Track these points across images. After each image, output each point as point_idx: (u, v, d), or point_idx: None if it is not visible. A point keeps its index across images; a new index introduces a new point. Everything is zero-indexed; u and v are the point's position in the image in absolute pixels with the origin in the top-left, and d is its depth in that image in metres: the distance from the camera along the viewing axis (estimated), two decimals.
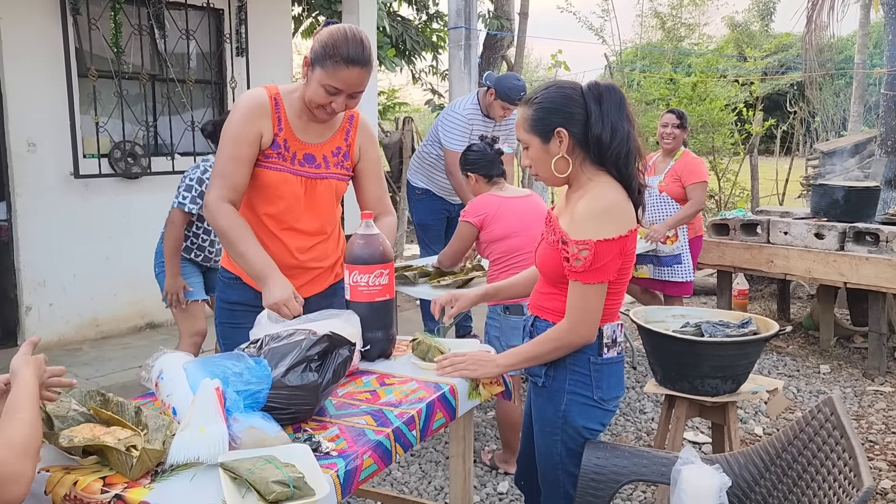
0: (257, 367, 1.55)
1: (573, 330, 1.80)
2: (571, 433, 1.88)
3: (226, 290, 2.26)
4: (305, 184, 2.15)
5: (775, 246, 4.90)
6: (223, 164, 2.09)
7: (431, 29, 10.67)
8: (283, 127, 2.11)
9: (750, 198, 8.52)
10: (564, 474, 1.91)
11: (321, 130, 2.17)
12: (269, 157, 2.11)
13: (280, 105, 2.11)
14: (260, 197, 2.14)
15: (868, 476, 1.27)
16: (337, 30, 2.01)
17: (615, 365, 1.90)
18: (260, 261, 2.04)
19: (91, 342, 5.01)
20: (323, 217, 2.22)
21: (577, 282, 1.78)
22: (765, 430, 3.77)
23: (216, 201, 2.07)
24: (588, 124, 1.79)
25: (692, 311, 3.17)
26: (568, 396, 1.87)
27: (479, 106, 4.27)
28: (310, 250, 2.22)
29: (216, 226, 2.09)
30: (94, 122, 4.94)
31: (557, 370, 1.89)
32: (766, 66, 12.07)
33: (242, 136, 2.07)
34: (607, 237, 1.74)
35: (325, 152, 2.18)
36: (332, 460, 1.46)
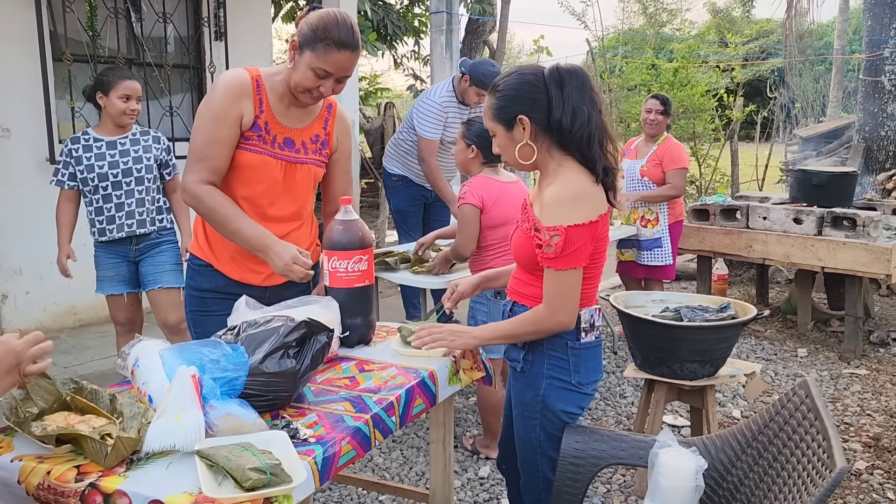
0: (234, 354, 1.54)
1: (551, 316, 1.80)
2: (550, 417, 1.89)
3: (196, 277, 2.19)
4: (285, 168, 2.12)
5: (754, 231, 4.94)
6: (203, 145, 2.02)
7: (413, 14, 10.60)
8: (265, 109, 2.07)
9: (730, 183, 8.58)
10: (543, 458, 1.92)
11: (301, 116, 2.15)
12: (248, 139, 2.06)
13: (262, 87, 2.07)
14: (237, 179, 2.09)
15: (841, 457, 1.28)
16: (327, 13, 1.99)
17: (593, 349, 1.91)
18: (257, 233, 2.00)
19: (69, 330, 4.96)
20: (299, 202, 2.19)
21: (550, 268, 1.78)
22: (742, 413, 3.82)
23: (196, 185, 2.02)
24: (549, 109, 1.79)
25: (672, 295, 3.19)
26: (546, 381, 1.88)
27: (454, 93, 4.23)
28: (285, 236, 2.17)
29: (202, 208, 2.04)
30: (69, 107, 4.86)
31: (535, 355, 1.90)
32: (748, 52, 12.12)
33: (224, 116, 2.01)
34: (577, 222, 1.74)
35: (305, 138, 2.16)
36: (310, 447, 1.46)
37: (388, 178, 4.63)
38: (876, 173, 6.61)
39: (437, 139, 4.23)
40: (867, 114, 6.76)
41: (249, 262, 2.12)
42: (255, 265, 2.13)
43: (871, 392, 4.06)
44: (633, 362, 3.04)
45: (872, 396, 4.00)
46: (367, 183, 11.09)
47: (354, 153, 5.69)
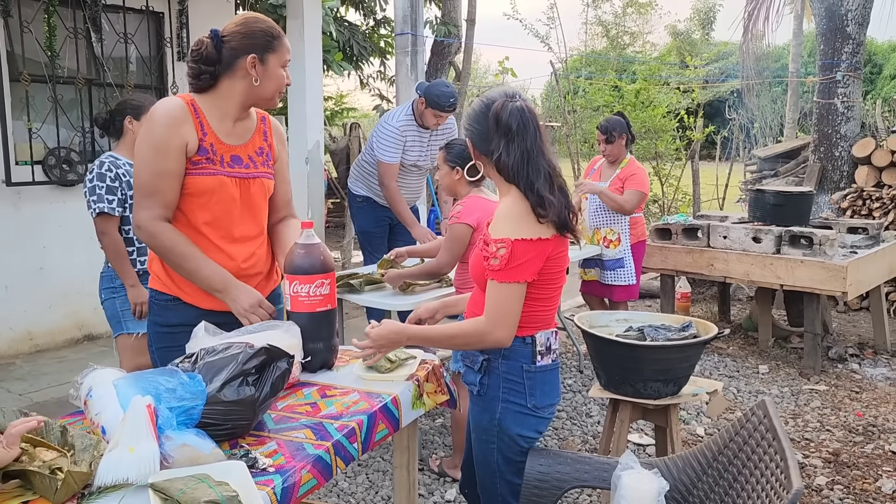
0: (191, 383, 1.51)
1: (490, 332, 1.79)
2: (507, 441, 1.89)
3: (163, 312, 2.13)
4: (240, 185, 2.10)
5: (715, 250, 5.02)
6: (150, 179, 1.99)
7: (379, 35, 10.63)
8: (207, 131, 2.05)
9: (692, 202, 8.72)
10: (503, 482, 1.91)
11: (241, 132, 2.14)
12: (197, 163, 2.03)
13: (198, 110, 2.05)
14: (196, 206, 2.05)
15: (797, 478, 1.30)
16: (250, 17, 2.08)
17: (549, 372, 1.91)
18: (216, 274, 2.02)
19: (25, 356, 4.83)
20: (258, 219, 2.18)
21: (493, 280, 1.78)
22: (706, 431, 3.85)
23: (151, 221, 1.99)
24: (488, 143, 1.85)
25: (635, 314, 3.22)
26: (502, 405, 1.88)
27: (412, 116, 4.25)
28: (249, 257, 2.16)
29: (158, 246, 2.02)
30: (27, 128, 4.77)
31: (491, 378, 1.90)
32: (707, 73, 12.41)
33: (168, 147, 1.98)
34: (525, 237, 1.76)
35: (250, 152, 2.14)
36: (269, 477, 1.43)
37: (352, 200, 4.61)
38: (831, 193, 6.78)
39: (395, 163, 4.24)
40: (821, 135, 6.95)
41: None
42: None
43: (830, 408, 4.14)
44: (597, 382, 3.06)
45: (832, 412, 4.08)
46: (333, 203, 11.04)
47: (319, 173, 5.66)
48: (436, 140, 4.38)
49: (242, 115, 2.12)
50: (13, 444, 1.39)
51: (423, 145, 4.34)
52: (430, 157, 4.44)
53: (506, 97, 1.85)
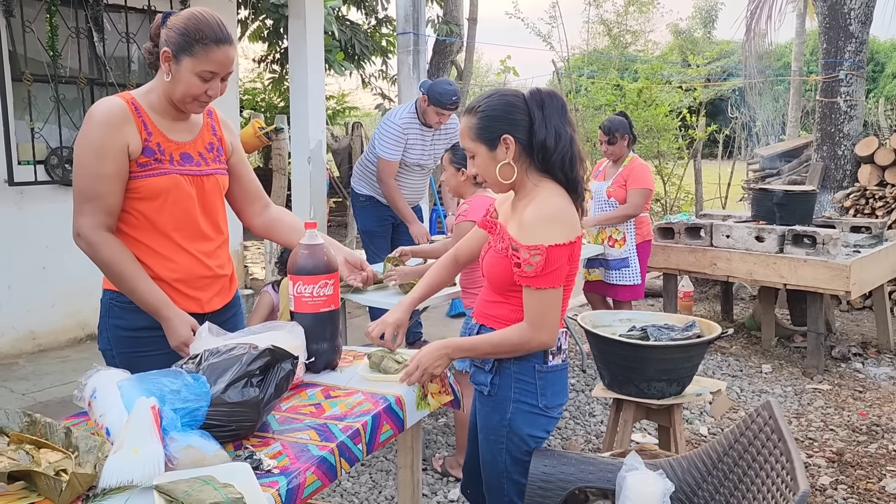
0: (195, 384, 1.51)
1: (535, 337, 1.80)
2: (517, 441, 1.89)
3: (125, 316, 2.01)
4: (195, 183, 2.02)
5: (718, 249, 5.01)
6: (90, 184, 1.88)
7: (381, 34, 10.64)
8: (152, 131, 1.95)
9: (694, 201, 8.71)
10: (509, 482, 1.92)
11: (188, 128, 2.05)
12: (145, 165, 1.94)
13: (140, 109, 1.95)
14: (153, 208, 1.97)
15: (804, 480, 1.29)
16: (192, 14, 1.91)
17: (559, 372, 1.92)
18: (155, 296, 1.94)
19: (28, 356, 4.83)
20: (216, 217, 2.11)
21: (529, 287, 1.78)
22: (710, 430, 3.85)
23: (92, 230, 1.89)
24: (532, 130, 1.82)
25: (639, 314, 3.22)
26: (514, 405, 1.88)
27: (416, 115, 4.25)
28: (214, 256, 2.10)
29: (97, 258, 1.92)
30: (29, 128, 4.77)
31: (503, 378, 1.90)
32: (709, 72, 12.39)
33: (107, 149, 1.88)
34: (558, 242, 1.76)
35: (199, 149, 2.06)
36: (274, 478, 1.43)
37: (355, 199, 4.61)
38: (834, 191, 6.77)
39: (395, 160, 4.24)
40: (824, 133, 6.94)
41: (188, 288, 2.05)
42: (192, 291, 2.06)
43: (833, 407, 4.13)
44: (601, 381, 3.05)
45: (835, 411, 4.07)
46: (334, 202, 11.05)
47: (321, 172, 5.66)
48: (439, 139, 4.38)
49: (179, 113, 2.01)
50: None
51: (426, 144, 4.33)
52: (434, 156, 4.44)
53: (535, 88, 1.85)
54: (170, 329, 1.94)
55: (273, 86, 11.96)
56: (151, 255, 2.00)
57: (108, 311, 2.06)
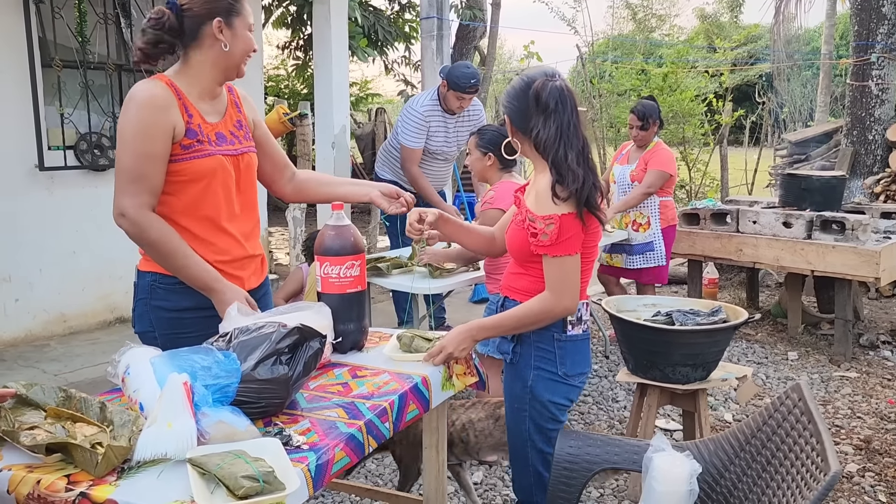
0: (226, 361, 1.53)
1: (557, 302, 1.87)
2: (539, 408, 1.96)
3: (170, 297, 2.01)
4: (233, 162, 2.04)
5: (744, 235, 4.96)
6: (136, 164, 1.89)
7: (404, 19, 10.61)
8: (192, 112, 1.97)
9: (720, 188, 8.62)
10: (534, 451, 1.98)
11: (217, 108, 2.06)
12: (188, 147, 1.95)
13: (179, 91, 1.96)
14: (198, 190, 1.98)
15: (835, 461, 1.28)
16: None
17: (580, 342, 1.98)
18: (204, 273, 1.95)
19: (59, 338, 4.92)
20: (252, 196, 2.14)
21: (546, 256, 1.86)
22: (734, 417, 3.82)
23: (137, 210, 1.89)
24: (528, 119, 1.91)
25: (663, 299, 3.20)
26: (534, 372, 1.96)
27: (437, 102, 4.23)
28: (250, 236, 2.13)
29: (144, 239, 1.92)
30: (59, 114, 4.83)
31: (523, 346, 1.97)
32: (736, 57, 12.20)
33: (154, 130, 1.89)
34: (571, 211, 1.83)
35: (230, 128, 2.07)
36: (303, 454, 1.45)
37: None
38: (864, 177, 6.66)
39: (418, 148, 4.24)
40: (855, 118, 6.82)
41: (232, 268, 2.06)
42: (235, 271, 2.07)
43: (861, 395, 4.08)
44: (625, 366, 3.05)
45: (863, 399, 4.02)
46: None
47: (345, 157, 5.68)
48: (462, 126, 4.37)
49: (210, 93, 2.02)
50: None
51: (449, 131, 4.33)
52: (457, 143, 4.43)
53: (546, 76, 1.91)
54: (223, 302, 1.93)
55: (297, 72, 11.98)
56: (193, 239, 1.99)
57: (149, 293, 2.04)
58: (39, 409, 1.54)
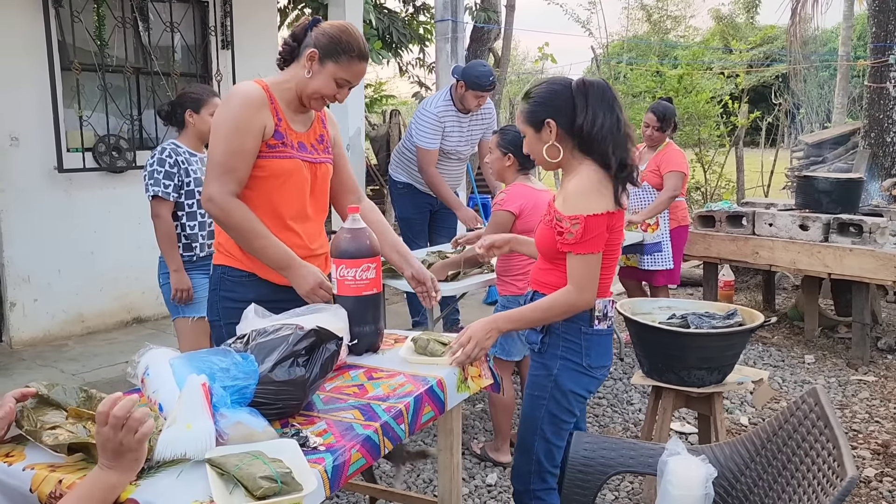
0: (244, 363, 1.55)
1: (579, 297, 1.98)
2: (559, 397, 2.07)
3: (236, 288, 2.17)
4: (311, 169, 2.20)
5: (760, 237, 4.93)
6: (228, 157, 2.06)
7: (418, 21, 10.62)
8: (281, 117, 2.14)
9: (735, 189, 8.56)
10: (541, 440, 2.08)
11: (304, 120, 2.23)
12: (273, 147, 2.11)
13: (272, 96, 2.14)
14: (274, 187, 2.13)
15: (851, 465, 1.28)
16: (345, 27, 2.13)
17: (604, 337, 2.10)
18: (283, 252, 2.09)
19: (77, 338, 4.98)
20: (323, 203, 2.29)
21: (571, 253, 1.97)
22: (750, 420, 3.80)
23: (225, 196, 2.05)
24: (574, 116, 1.99)
25: (678, 302, 3.19)
26: (560, 362, 2.07)
27: (451, 102, 4.25)
28: (315, 238, 2.26)
29: (228, 222, 2.08)
30: (77, 116, 4.89)
31: (552, 337, 2.08)
32: (752, 58, 12.12)
33: (248, 127, 2.06)
34: (595, 212, 1.94)
35: (312, 140, 2.24)
36: (320, 455, 1.46)
37: (393, 186, 4.64)
38: (882, 179, 6.59)
39: (434, 149, 4.25)
40: (872, 120, 6.76)
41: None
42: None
43: (879, 399, 4.05)
44: (640, 369, 3.04)
45: (881, 403, 3.99)
46: (371, 190, 11.11)
47: (360, 160, 5.70)
48: (475, 125, 4.38)
49: (301, 106, 2.18)
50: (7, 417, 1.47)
51: (463, 131, 4.34)
52: (471, 143, 4.44)
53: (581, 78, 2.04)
54: (298, 279, 2.07)
55: None
56: None
57: (219, 285, 2.22)
58: (61, 409, 1.56)
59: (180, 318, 3.19)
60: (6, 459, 1.43)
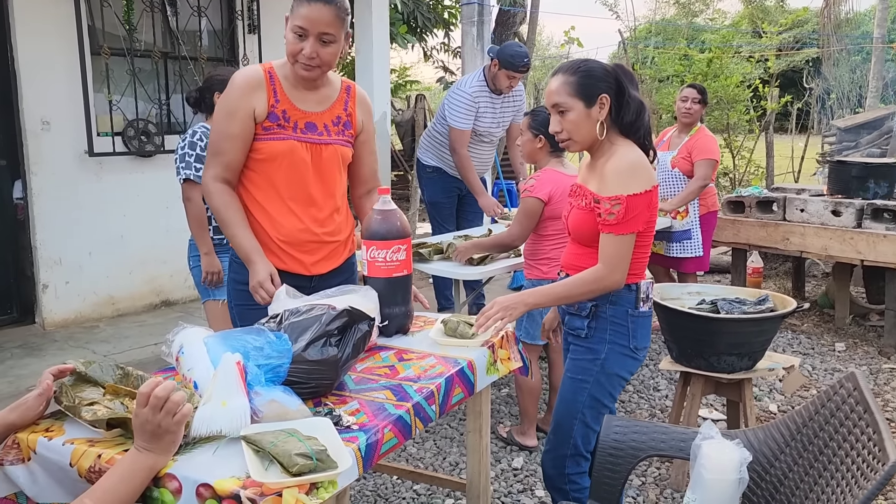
0: (278, 342, 1.55)
1: (609, 276, 1.98)
2: (604, 380, 2.08)
3: (240, 271, 2.18)
4: (311, 150, 2.14)
5: (791, 223, 4.85)
6: (218, 141, 2.11)
7: (443, 6, 10.57)
8: (280, 98, 2.10)
9: (765, 175, 8.44)
10: (580, 425, 2.09)
11: (320, 99, 2.17)
12: (268, 129, 2.10)
13: (275, 77, 2.11)
14: (269, 169, 2.12)
15: (893, 450, 1.26)
16: None
17: (647, 318, 2.12)
18: (247, 243, 2.09)
19: (108, 319, 5.05)
20: (331, 185, 2.20)
21: (610, 234, 1.97)
22: (779, 408, 3.76)
23: (211, 180, 2.11)
24: (623, 95, 2.00)
25: (708, 287, 3.15)
26: (608, 346, 2.07)
27: (485, 82, 4.23)
28: (325, 223, 2.19)
29: (211, 205, 2.13)
30: (107, 100, 4.94)
31: (599, 322, 2.07)
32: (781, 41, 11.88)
33: (235, 111, 2.07)
34: (637, 191, 1.94)
35: (326, 121, 2.17)
36: (353, 434, 1.47)
37: (422, 170, 4.63)
38: None
39: (467, 129, 4.23)
40: None
41: (293, 250, 2.16)
42: (296, 253, 2.17)
43: None
44: (668, 355, 3.02)
45: None
46: (396, 175, 11.11)
47: (385, 144, 5.70)
48: (507, 107, 4.35)
49: (308, 83, 2.11)
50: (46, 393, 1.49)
51: (496, 112, 4.32)
52: (502, 125, 4.42)
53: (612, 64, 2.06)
54: (252, 272, 2.07)
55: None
56: (263, 214, 2.16)
57: (229, 266, 2.28)
58: (98, 386, 1.58)
59: (210, 301, 3.23)
60: (46, 434, 1.46)
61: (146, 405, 1.30)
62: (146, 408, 1.30)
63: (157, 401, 1.30)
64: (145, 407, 1.30)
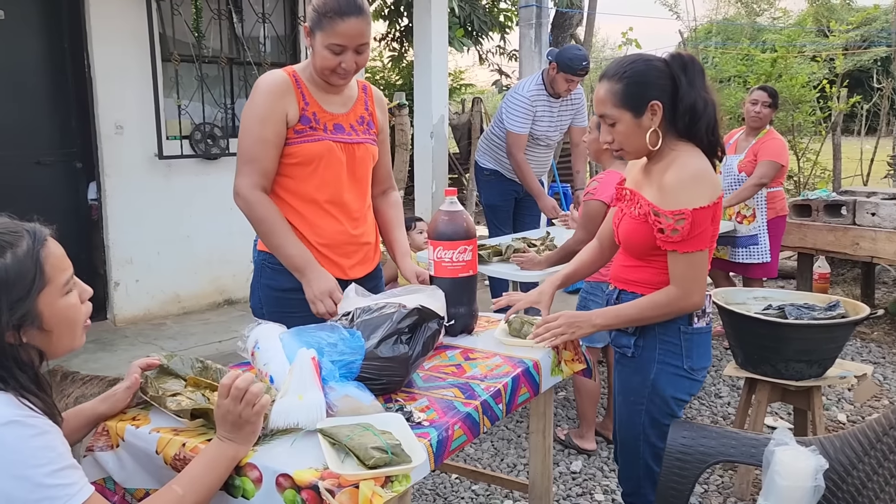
0: (351, 339, 1.59)
1: (685, 298, 1.81)
2: (658, 403, 1.89)
3: (275, 277, 2.14)
4: (346, 150, 2.13)
5: (862, 228, 4.70)
6: (250, 147, 2.05)
7: (499, 9, 10.58)
8: (309, 101, 2.09)
9: (831, 178, 8.18)
10: (646, 445, 1.93)
11: (343, 101, 2.17)
12: (301, 132, 2.08)
13: (300, 81, 2.10)
14: (304, 173, 2.10)
15: None
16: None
17: (704, 335, 1.91)
18: (300, 252, 2.05)
19: (174, 317, 5.22)
20: (363, 186, 2.21)
21: (676, 252, 1.79)
22: (848, 417, 3.65)
23: (249, 189, 2.04)
24: (677, 95, 1.80)
25: (774, 293, 3.09)
26: (658, 366, 1.89)
27: (543, 86, 4.21)
28: (358, 224, 2.20)
29: (251, 216, 2.07)
30: (176, 105, 5.10)
31: (647, 340, 1.90)
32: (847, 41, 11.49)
33: (268, 116, 2.04)
34: (702, 205, 1.75)
35: (351, 121, 2.17)
36: (425, 430, 1.49)
37: (479, 173, 4.65)
38: None
39: (524, 133, 4.23)
40: None
41: (333, 253, 2.15)
42: (336, 256, 2.15)
43: None
44: (733, 361, 2.96)
45: None
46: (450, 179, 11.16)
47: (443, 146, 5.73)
48: (565, 110, 4.34)
49: (330, 86, 2.11)
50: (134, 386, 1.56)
51: (553, 116, 4.30)
52: (560, 129, 4.40)
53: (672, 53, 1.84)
54: (308, 283, 2.03)
55: (392, 63, 12.16)
56: (301, 220, 2.13)
57: (260, 272, 2.21)
58: (180, 379, 1.65)
59: None
60: (134, 423, 1.53)
61: (227, 396, 1.35)
62: (227, 398, 1.35)
63: (237, 392, 1.35)
64: (227, 398, 1.35)
